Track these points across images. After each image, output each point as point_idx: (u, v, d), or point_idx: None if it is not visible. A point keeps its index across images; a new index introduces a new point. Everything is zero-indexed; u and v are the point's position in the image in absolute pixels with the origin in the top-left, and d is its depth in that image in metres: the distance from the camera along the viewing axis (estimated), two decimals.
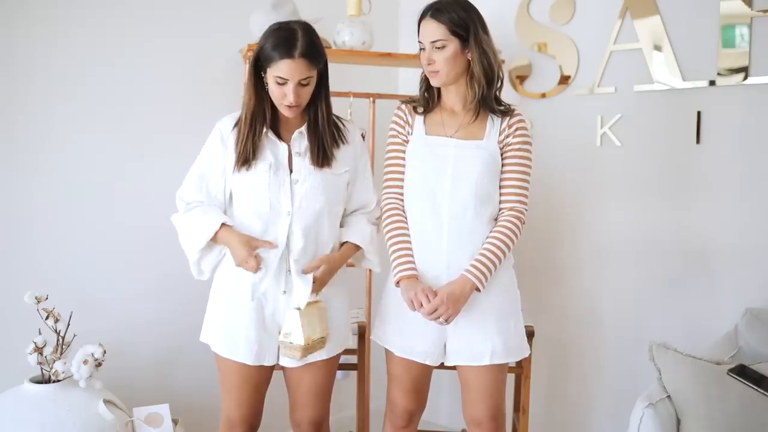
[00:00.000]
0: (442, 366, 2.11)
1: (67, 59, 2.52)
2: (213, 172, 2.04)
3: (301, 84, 1.91)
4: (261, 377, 2.07)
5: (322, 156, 2.01)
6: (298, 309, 1.93)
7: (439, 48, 1.97)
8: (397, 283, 2.03)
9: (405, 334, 2.07)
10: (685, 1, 2.70)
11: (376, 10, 3.07)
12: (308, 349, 1.94)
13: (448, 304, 1.93)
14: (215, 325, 2.07)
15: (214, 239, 2.00)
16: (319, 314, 1.97)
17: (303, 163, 2.01)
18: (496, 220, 2.06)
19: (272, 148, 2.01)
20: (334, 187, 2.04)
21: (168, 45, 2.73)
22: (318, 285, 1.97)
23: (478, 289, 1.98)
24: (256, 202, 1.99)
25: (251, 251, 1.95)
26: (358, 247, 2.11)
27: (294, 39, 1.88)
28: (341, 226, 2.13)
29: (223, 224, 1.99)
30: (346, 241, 2.10)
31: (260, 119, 1.99)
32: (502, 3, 3.10)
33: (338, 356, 2.13)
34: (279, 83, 1.91)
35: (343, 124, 2.11)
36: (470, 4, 2.01)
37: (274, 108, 2.01)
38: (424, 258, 2.04)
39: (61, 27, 2.50)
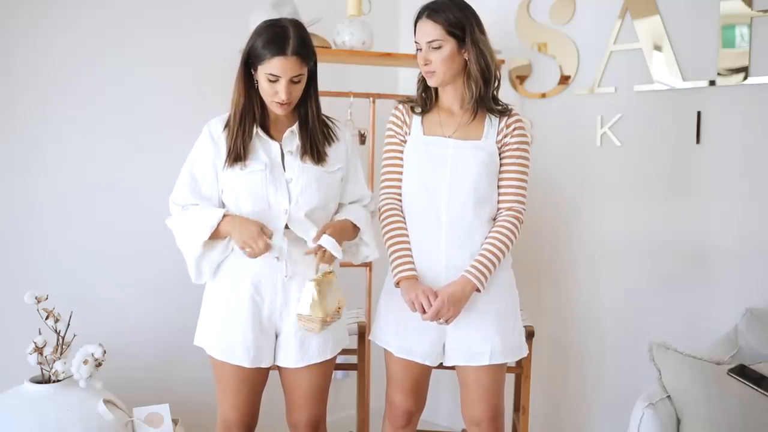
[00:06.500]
0: (441, 366, 2.11)
1: (67, 59, 2.52)
2: (206, 174, 2.01)
3: (292, 81, 1.91)
4: (258, 379, 2.06)
5: (315, 154, 2.00)
6: (314, 280, 1.89)
7: (435, 48, 1.97)
8: (397, 283, 2.02)
9: (403, 335, 2.07)
10: (685, 1, 2.70)
11: (376, 10, 3.08)
12: (326, 321, 1.91)
13: (449, 306, 1.93)
14: (211, 329, 2.05)
15: (216, 233, 1.94)
16: (333, 284, 1.94)
17: (295, 161, 2.00)
18: (494, 220, 2.06)
19: (265, 147, 2.00)
20: (327, 184, 2.02)
21: (168, 45, 2.73)
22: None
23: (478, 290, 1.98)
24: (254, 202, 1.97)
25: (261, 232, 1.89)
26: (354, 229, 2.07)
27: (286, 36, 1.89)
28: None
29: (224, 214, 1.95)
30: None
31: (250, 117, 1.98)
32: (502, 3, 3.10)
33: (335, 357, 2.12)
34: (270, 80, 1.90)
35: (333, 122, 2.11)
36: (466, 3, 2.00)
37: (263, 106, 2.00)
38: (422, 258, 2.04)
39: (60, 27, 2.50)
